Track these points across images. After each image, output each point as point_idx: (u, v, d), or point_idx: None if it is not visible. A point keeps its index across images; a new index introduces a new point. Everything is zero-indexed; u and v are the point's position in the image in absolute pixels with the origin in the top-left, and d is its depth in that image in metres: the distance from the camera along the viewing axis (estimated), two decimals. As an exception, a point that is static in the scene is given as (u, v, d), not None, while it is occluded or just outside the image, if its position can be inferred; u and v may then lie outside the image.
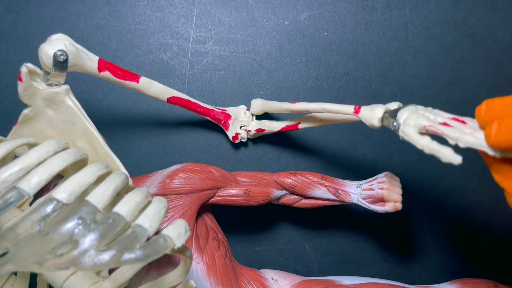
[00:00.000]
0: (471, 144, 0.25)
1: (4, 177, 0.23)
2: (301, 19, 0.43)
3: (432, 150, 0.26)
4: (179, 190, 0.34)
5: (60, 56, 0.29)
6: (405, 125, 0.27)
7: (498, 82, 0.43)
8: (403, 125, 0.28)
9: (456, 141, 0.25)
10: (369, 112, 0.30)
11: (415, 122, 0.27)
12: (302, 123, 0.38)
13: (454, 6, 0.43)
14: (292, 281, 0.37)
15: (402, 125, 0.28)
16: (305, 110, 0.35)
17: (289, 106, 0.36)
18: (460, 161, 0.24)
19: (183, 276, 0.28)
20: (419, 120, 0.27)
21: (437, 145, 0.26)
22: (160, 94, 0.36)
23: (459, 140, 0.25)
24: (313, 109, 0.34)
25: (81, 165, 0.27)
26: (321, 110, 0.34)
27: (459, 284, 0.37)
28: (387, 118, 0.29)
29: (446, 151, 0.25)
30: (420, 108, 0.29)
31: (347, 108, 0.32)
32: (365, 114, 0.30)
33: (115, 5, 0.42)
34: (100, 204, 0.22)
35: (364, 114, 0.30)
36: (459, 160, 0.24)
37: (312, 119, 0.38)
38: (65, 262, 0.19)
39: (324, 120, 0.37)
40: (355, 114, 0.31)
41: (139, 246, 0.21)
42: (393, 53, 0.43)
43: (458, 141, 0.25)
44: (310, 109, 0.35)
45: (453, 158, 0.25)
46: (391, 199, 0.35)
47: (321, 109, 0.34)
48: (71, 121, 0.30)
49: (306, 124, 0.38)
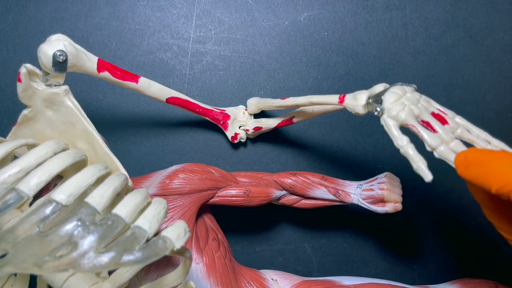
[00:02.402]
0: (444, 158, 0.25)
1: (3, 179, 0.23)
2: (301, 19, 0.43)
3: (407, 155, 0.26)
4: (179, 191, 0.34)
5: (60, 57, 0.29)
6: (388, 115, 0.27)
7: (498, 82, 0.43)
8: (386, 113, 0.27)
9: (432, 150, 0.26)
10: (353, 100, 0.29)
11: (398, 116, 0.26)
12: (296, 117, 0.38)
13: (454, 6, 0.43)
14: (292, 282, 0.37)
15: (386, 112, 0.27)
16: (294, 105, 0.35)
17: (280, 102, 0.36)
18: (431, 179, 0.25)
19: (183, 277, 0.28)
20: (402, 114, 0.26)
21: (413, 152, 0.26)
22: (159, 94, 0.36)
23: (435, 151, 0.26)
24: (301, 103, 0.34)
25: (80, 166, 0.27)
26: (308, 103, 0.33)
27: (459, 284, 0.37)
28: (371, 104, 0.28)
29: (420, 164, 0.25)
30: (408, 92, 0.28)
31: (332, 98, 0.31)
32: (349, 103, 0.29)
33: (115, 5, 0.42)
34: (99, 206, 0.22)
35: (348, 104, 0.29)
36: (429, 178, 0.25)
37: (304, 112, 0.37)
38: (64, 264, 0.19)
39: (316, 111, 0.36)
40: (340, 103, 0.30)
41: (138, 248, 0.21)
42: (393, 53, 0.43)
43: (434, 151, 0.26)
44: (299, 103, 0.34)
45: (425, 174, 0.25)
46: (391, 200, 0.35)
47: (308, 102, 0.33)
48: (71, 122, 0.30)
49: (300, 117, 0.38)
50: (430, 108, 0.28)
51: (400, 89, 0.28)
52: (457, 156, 0.25)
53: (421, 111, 0.27)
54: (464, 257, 0.44)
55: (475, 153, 0.24)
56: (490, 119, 0.43)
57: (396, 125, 0.27)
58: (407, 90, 0.28)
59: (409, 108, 0.27)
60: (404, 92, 0.28)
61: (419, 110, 0.27)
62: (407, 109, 0.26)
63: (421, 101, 0.28)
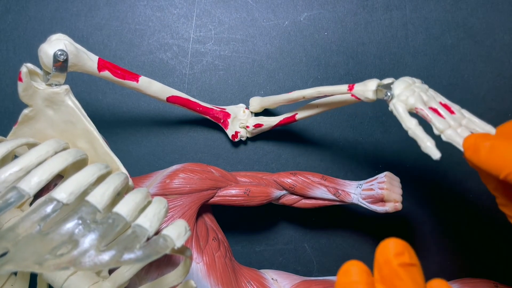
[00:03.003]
0: (451, 141, 0.26)
1: (4, 177, 0.23)
2: (301, 19, 0.43)
3: (416, 136, 0.26)
4: (179, 190, 0.34)
5: (60, 56, 0.29)
6: (397, 99, 0.28)
7: (498, 82, 0.43)
8: (396, 98, 0.28)
9: (440, 133, 0.26)
10: (363, 86, 0.30)
11: (408, 100, 0.27)
12: (299, 113, 0.38)
13: (454, 6, 0.43)
14: (292, 281, 0.37)
15: (396, 97, 0.28)
16: (301, 97, 0.35)
17: (286, 96, 0.37)
18: (439, 157, 0.25)
19: (183, 276, 0.28)
20: (412, 99, 0.27)
21: (422, 133, 0.26)
22: (159, 93, 0.36)
23: (443, 133, 0.26)
24: (308, 94, 0.34)
25: (81, 165, 0.27)
26: (316, 93, 0.34)
27: (459, 284, 0.37)
28: (381, 90, 0.29)
29: (428, 143, 0.26)
30: (417, 83, 0.29)
31: (341, 87, 0.32)
32: (359, 89, 0.31)
33: (115, 5, 0.42)
34: (100, 204, 0.22)
35: (358, 90, 0.31)
36: (437, 156, 0.25)
37: (308, 108, 0.37)
38: (65, 262, 0.19)
39: (320, 106, 0.36)
40: (349, 91, 0.31)
41: (139, 246, 0.21)
42: (393, 53, 0.43)
43: (442, 134, 0.26)
44: (306, 95, 0.34)
45: (433, 152, 0.25)
46: (391, 199, 0.35)
47: (316, 92, 0.34)
48: (71, 121, 0.30)
49: (303, 114, 0.38)
50: (438, 98, 0.29)
51: (409, 79, 0.29)
52: (466, 138, 0.25)
53: (430, 99, 0.28)
54: (464, 257, 0.44)
55: (484, 137, 0.24)
56: (490, 119, 0.43)
57: (405, 108, 0.27)
58: (415, 81, 0.29)
59: (418, 94, 0.28)
60: (413, 81, 0.29)
61: (427, 97, 0.28)
62: (417, 94, 0.27)
63: (430, 91, 0.29)
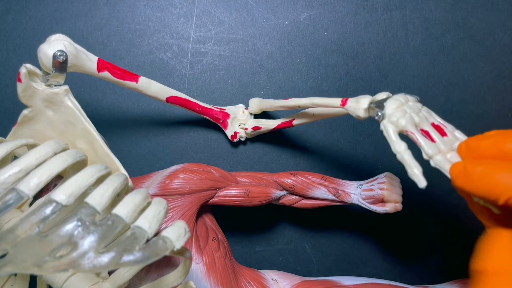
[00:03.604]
0: (439, 167, 0.26)
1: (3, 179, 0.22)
2: (301, 19, 0.43)
3: (403, 160, 0.26)
4: (179, 191, 0.34)
5: (60, 57, 0.29)
6: (388, 120, 0.27)
7: (498, 82, 0.43)
8: (386, 119, 0.27)
9: (429, 158, 0.26)
10: (355, 103, 0.30)
11: (398, 122, 0.27)
12: (296, 119, 0.38)
13: (454, 6, 0.43)
14: (292, 282, 0.37)
15: (386, 118, 0.27)
16: (296, 105, 0.35)
17: (282, 102, 0.37)
18: (424, 185, 0.25)
19: (183, 277, 0.28)
20: (403, 121, 0.27)
21: (410, 158, 0.26)
22: (159, 93, 0.36)
23: (432, 159, 0.26)
24: (303, 104, 0.34)
25: (80, 166, 0.27)
26: (310, 104, 0.34)
27: (459, 284, 0.37)
28: (373, 108, 0.29)
29: (416, 169, 0.25)
30: (411, 101, 0.28)
31: (335, 101, 0.31)
32: (351, 106, 0.30)
33: (115, 5, 0.42)
34: (100, 206, 0.22)
35: (350, 106, 0.30)
36: (423, 185, 0.25)
37: (305, 115, 0.37)
38: (64, 264, 0.19)
39: (316, 115, 0.37)
40: (342, 106, 0.31)
41: (138, 248, 0.21)
42: (393, 53, 0.43)
43: (430, 159, 0.26)
44: (301, 104, 0.34)
45: (419, 179, 0.25)
46: (391, 200, 0.35)
47: (310, 103, 0.33)
48: (71, 122, 0.30)
49: (300, 120, 0.38)
50: (431, 119, 0.28)
51: (403, 97, 0.28)
52: (453, 166, 0.25)
53: (422, 120, 0.27)
54: (464, 257, 0.44)
55: (476, 163, 0.24)
56: (490, 119, 0.43)
57: (395, 131, 0.27)
58: (409, 99, 0.29)
59: (409, 116, 0.27)
60: (406, 100, 0.28)
61: (419, 119, 0.27)
62: (408, 116, 0.27)
63: (423, 111, 0.28)
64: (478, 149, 0.25)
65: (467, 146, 0.26)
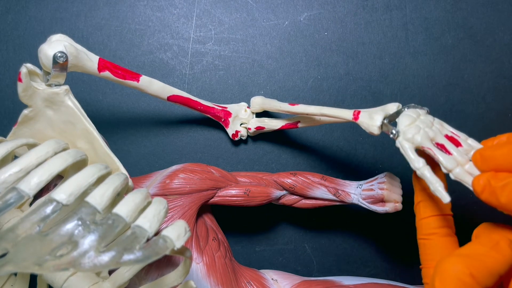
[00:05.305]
0: (460, 180, 0.26)
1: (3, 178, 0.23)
2: (301, 19, 0.43)
3: (425, 177, 0.26)
4: (179, 191, 0.34)
5: (60, 58, 0.29)
6: (403, 138, 0.27)
7: (498, 82, 0.43)
8: (402, 136, 0.27)
9: (448, 172, 0.26)
10: (368, 119, 0.30)
11: (414, 139, 0.27)
12: (301, 122, 0.38)
13: (454, 6, 0.43)
14: (292, 281, 0.37)
15: (401, 135, 0.27)
16: (304, 113, 0.35)
17: (289, 107, 0.36)
18: (448, 201, 0.25)
19: (183, 276, 0.28)
20: (418, 137, 0.27)
21: (431, 175, 0.26)
22: (160, 92, 0.36)
23: (451, 173, 0.26)
24: (311, 113, 0.34)
25: (81, 165, 0.27)
26: (319, 114, 0.33)
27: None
28: (386, 125, 0.29)
29: (438, 186, 0.25)
30: (422, 115, 0.28)
31: (346, 113, 0.31)
32: (364, 122, 0.30)
33: (115, 5, 0.42)
34: (100, 205, 0.22)
35: (363, 122, 0.30)
36: (447, 200, 0.25)
37: (311, 119, 0.38)
38: (64, 263, 0.19)
39: (323, 120, 0.37)
40: (354, 120, 0.31)
41: (138, 247, 0.21)
42: (393, 53, 0.43)
43: (450, 173, 0.26)
44: (309, 113, 0.34)
45: (443, 195, 0.25)
46: (391, 200, 0.35)
47: (319, 113, 0.33)
48: (71, 122, 0.30)
49: (306, 123, 0.38)
50: (444, 130, 0.28)
51: (414, 112, 0.28)
52: (475, 179, 0.25)
53: (436, 134, 0.27)
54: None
55: (499, 179, 0.24)
56: (490, 119, 0.43)
57: (412, 148, 0.27)
58: (420, 113, 0.29)
59: (424, 131, 0.27)
60: (418, 115, 0.28)
61: (433, 133, 0.27)
62: (422, 132, 0.27)
63: (435, 123, 0.28)
64: (494, 160, 0.25)
65: (482, 157, 0.25)
